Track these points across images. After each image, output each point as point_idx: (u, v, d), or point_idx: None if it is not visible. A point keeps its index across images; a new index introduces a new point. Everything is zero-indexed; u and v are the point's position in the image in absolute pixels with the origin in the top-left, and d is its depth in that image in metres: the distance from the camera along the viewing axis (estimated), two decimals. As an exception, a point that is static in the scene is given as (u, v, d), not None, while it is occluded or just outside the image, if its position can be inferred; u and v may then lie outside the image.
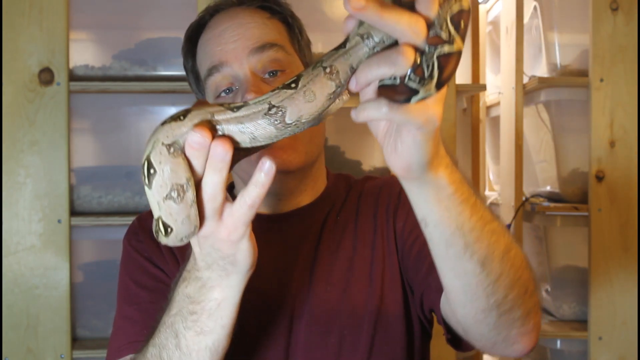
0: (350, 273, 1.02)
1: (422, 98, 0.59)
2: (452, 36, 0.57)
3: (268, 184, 0.68)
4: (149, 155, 0.65)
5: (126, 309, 1.02)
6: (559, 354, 2.14)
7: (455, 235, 0.72)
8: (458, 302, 0.80)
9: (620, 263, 2.00)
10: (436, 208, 0.70)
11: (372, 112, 0.61)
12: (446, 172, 0.69)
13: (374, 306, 1.01)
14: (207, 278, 0.77)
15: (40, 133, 1.77)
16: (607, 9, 1.99)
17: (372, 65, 0.60)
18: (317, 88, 0.63)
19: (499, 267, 0.75)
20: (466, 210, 0.71)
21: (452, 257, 0.74)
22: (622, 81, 2.00)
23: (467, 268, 0.74)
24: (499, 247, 0.75)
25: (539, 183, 2.30)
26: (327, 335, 0.99)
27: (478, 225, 0.73)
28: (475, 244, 0.72)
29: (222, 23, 1.05)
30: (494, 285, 0.75)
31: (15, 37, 1.76)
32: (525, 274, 0.79)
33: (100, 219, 1.81)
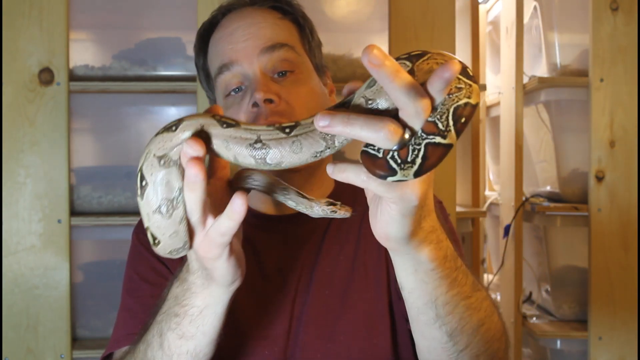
0: (351, 278, 1.02)
1: (398, 180, 0.57)
2: (449, 129, 0.55)
3: (239, 219, 0.66)
4: (142, 166, 0.67)
5: (128, 301, 1.03)
6: (559, 354, 2.14)
7: (428, 306, 0.73)
8: (423, 356, 0.82)
9: (620, 263, 2.00)
10: (412, 278, 0.71)
11: (351, 176, 0.61)
12: (429, 249, 0.69)
13: (377, 309, 1.00)
14: (191, 282, 0.77)
15: (40, 133, 1.77)
16: (607, 9, 1.99)
17: (354, 124, 0.56)
18: (307, 143, 0.62)
19: (467, 340, 0.76)
20: (443, 286, 0.72)
21: (422, 323, 0.75)
22: (622, 81, 2.00)
23: (435, 335, 0.75)
24: (471, 321, 0.76)
25: (539, 183, 2.30)
26: (325, 339, 0.99)
27: (453, 300, 0.73)
28: (446, 317, 0.73)
29: (233, 22, 1.05)
30: (460, 354, 0.77)
31: (15, 37, 1.76)
32: (494, 345, 0.80)
33: (100, 219, 1.81)
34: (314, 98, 1.04)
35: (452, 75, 0.53)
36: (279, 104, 0.99)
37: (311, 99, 1.03)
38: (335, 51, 1.89)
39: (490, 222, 2.64)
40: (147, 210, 0.68)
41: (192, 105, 1.85)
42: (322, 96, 1.07)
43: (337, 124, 0.56)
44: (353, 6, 1.94)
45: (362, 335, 0.99)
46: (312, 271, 1.02)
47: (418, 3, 1.88)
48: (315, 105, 1.02)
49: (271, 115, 0.98)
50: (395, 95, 0.55)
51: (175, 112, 1.91)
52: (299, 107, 1.00)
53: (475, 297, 0.76)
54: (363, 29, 1.92)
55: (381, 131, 0.55)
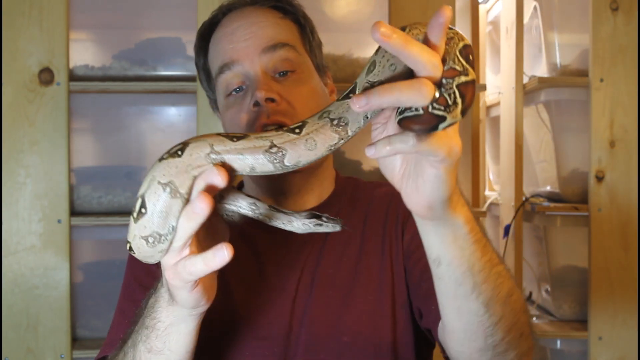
0: (354, 280, 1.01)
1: (449, 124, 0.59)
2: (465, 67, 0.60)
3: (215, 269, 0.66)
4: (144, 194, 0.65)
5: (123, 304, 1.03)
6: (559, 354, 2.13)
7: (466, 275, 0.72)
8: (456, 340, 0.81)
9: (620, 263, 2.00)
10: (451, 247, 0.71)
11: (399, 145, 0.61)
12: (463, 211, 0.70)
13: (383, 315, 1.00)
14: (160, 296, 0.77)
15: (40, 133, 1.77)
16: (607, 9, 1.99)
17: (393, 90, 0.58)
18: (320, 139, 0.65)
19: (501, 310, 0.76)
20: (478, 251, 0.72)
21: (459, 296, 0.74)
22: (622, 81, 2.00)
23: (472, 308, 0.75)
24: (503, 290, 0.76)
25: (539, 183, 2.30)
26: (328, 339, 0.99)
27: (487, 266, 0.74)
28: (482, 285, 0.73)
29: (234, 21, 1.05)
30: (494, 327, 0.76)
31: (15, 37, 1.76)
32: (522, 317, 0.80)
33: (100, 219, 1.81)
34: (314, 98, 1.04)
35: (445, 19, 0.59)
36: (280, 103, 0.99)
37: (312, 99, 1.03)
38: (335, 51, 1.89)
39: (490, 222, 2.64)
40: (135, 232, 0.66)
41: (192, 105, 1.85)
42: (323, 96, 1.07)
43: (375, 98, 0.58)
44: (353, 6, 1.94)
45: (364, 336, 0.99)
46: (314, 272, 1.02)
47: (418, 3, 1.88)
48: (316, 105, 1.02)
49: (273, 115, 0.98)
50: (412, 59, 0.58)
51: (175, 112, 1.91)
52: (300, 107, 1.00)
53: (502, 266, 0.77)
54: (363, 29, 1.92)
55: (421, 88, 0.58)
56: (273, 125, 0.98)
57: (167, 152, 0.66)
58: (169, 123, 1.93)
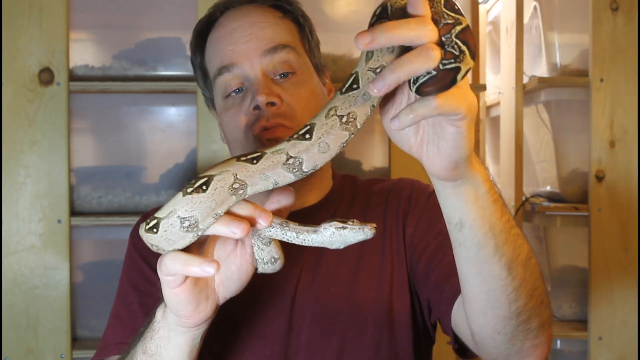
0: (356, 276, 1.01)
1: (465, 72, 0.61)
2: (456, 17, 0.62)
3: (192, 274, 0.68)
4: (160, 220, 0.66)
5: (118, 308, 1.03)
6: (559, 354, 2.13)
7: (488, 237, 0.73)
8: (479, 309, 0.80)
9: (620, 263, 2.00)
10: (473, 207, 0.71)
11: (422, 110, 0.62)
12: (481, 169, 0.71)
13: (381, 310, 1.00)
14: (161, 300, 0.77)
15: (40, 133, 1.77)
16: (607, 9, 1.99)
17: (403, 64, 0.60)
18: (331, 140, 0.66)
19: (522, 273, 0.76)
20: (497, 211, 0.73)
21: (482, 259, 0.74)
22: (622, 81, 2.00)
23: (494, 271, 0.74)
24: (523, 252, 0.76)
25: (539, 183, 2.30)
26: (328, 337, 0.99)
27: (506, 227, 0.74)
28: (504, 246, 0.73)
29: (233, 21, 1.04)
30: (517, 292, 0.76)
31: (15, 37, 1.76)
32: (542, 284, 0.80)
33: (100, 219, 1.81)
34: (314, 99, 1.03)
35: None
36: (280, 106, 0.98)
37: (312, 100, 1.03)
38: (335, 51, 1.89)
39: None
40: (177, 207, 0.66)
41: (192, 105, 1.85)
42: (322, 96, 1.07)
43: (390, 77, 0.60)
44: (353, 6, 1.94)
45: (364, 334, 0.99)
46: (314, 270, 1.02)
47: (418, 3, 1.88)
48: (316, 106, 1.02)
49: (273, 118, 0.97)
50: (404, 39, 0.60)
51: (175, 112, 1.91)
52: (300, 109, 1.00)
53: (518, 228, 0.77)
54: (363, 29, 1.92)
55: (427, 53, 0.60)
56: (273, 127, 0.97)
57: (190, 186, 0.66)
58: (169, 123, 1.93)
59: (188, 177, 1.88)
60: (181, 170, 1.90)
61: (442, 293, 0.93)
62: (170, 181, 1.90)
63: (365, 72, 0.64)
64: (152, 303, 0.96)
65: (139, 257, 1.04)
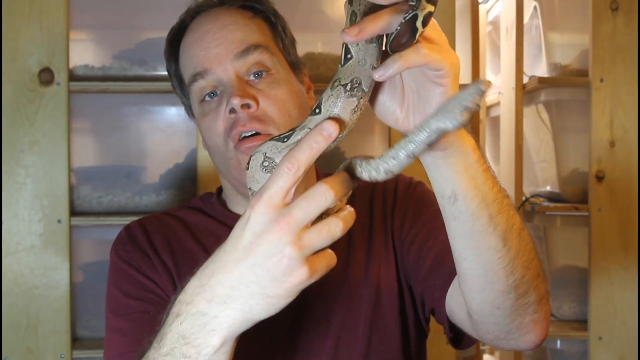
0: (345, 274, 1.01)
1: (424, 16, 0.62)
2: None
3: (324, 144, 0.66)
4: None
5: (115, 321, 1.00)
6: (559, 354, 2.14)
7: (481, 207, 0.73)
8: (478, 286, 0.79)
9: (620, 263, 2.00)
10: (465, 177, 0.71)
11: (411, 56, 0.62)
12: (468, 138, 0.71)
13: (369, 307, 1.00)
14: (213, 316, 0.66)
15: (40, 133, 1.77)
16: (607, 9, 1.99)
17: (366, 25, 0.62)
18: (341, 109, 0.67)
19: (518, 243, 0.76)
20: (488, 180, 0.73)
21: (477, 231, 0.74)
22: (622, 81, 2.00)
23: (490, 243, 0.74)
24: (516, 222, 0.76)
25: (539, 183, 2.30)
26: (323, 337, 0.99)
27: (498, 196, 0.74)
28: (497, 216, 0.74)
29: (203, 25, 1.03)
30: (513, 263, 0.76)
31: (15, 37, 1.76)
32: (536, 256, 0.80)
33: (100, 219, 1.81)
34: (291, 98, 1.02)
35: None
36: (257, 109, 0.97)
37: (289, 99, 1.01)
38: (335, 51, 1.89)
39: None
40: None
41: (192, 105, 1.85)
42: (300, 95, 1.05)
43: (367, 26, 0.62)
44: (353, 6, 1.93)
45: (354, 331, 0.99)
46: None
47: (418, 3, 1.88)
48: (294, 105, 1.01)
49: (249, 122, 0.97)
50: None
51: (175, 112, 1.91)
52: (277, 110, 0.99)
53: (508, 198, 0.77)
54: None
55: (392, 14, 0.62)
56: (250, 132, 0.97)
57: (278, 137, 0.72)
58: (169, 123, 1.93)
59: (188, 177, 1.88)
60: (181, 170, 1.90)
61: (434, 281, 0.93)
62: (170, 181, 1.90)
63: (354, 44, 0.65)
64: (154, 309, 0.96)
65: (129, 267, 1.03)
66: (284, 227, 0.62)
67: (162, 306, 0.98)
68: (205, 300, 0.66)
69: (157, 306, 0.97)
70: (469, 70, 2.42)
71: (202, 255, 1.02)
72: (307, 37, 1.92)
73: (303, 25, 1.90)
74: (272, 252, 0.62)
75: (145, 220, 1.10)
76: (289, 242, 0.62)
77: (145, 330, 0.84)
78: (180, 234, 1.06)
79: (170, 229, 1.07)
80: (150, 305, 0.98)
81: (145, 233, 1.06)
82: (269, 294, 0.64)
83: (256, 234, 0.63)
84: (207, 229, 1.07)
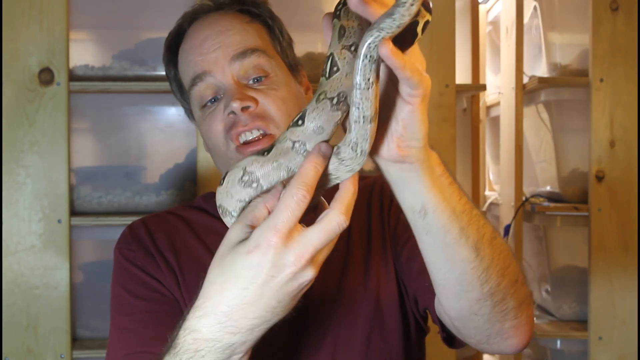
0: (344, 271, 1.02)
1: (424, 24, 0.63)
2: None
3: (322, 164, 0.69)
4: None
5: (121, 320, 1.00)
6: (559, 354, 2.14)
7: (451, 219, 0.73)
8: (453, 295, 0.80)
9: (620, 263, 2.00)
10: (433, 190, 0.72)
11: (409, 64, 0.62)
12: (433, 153, 0.72)
13: (369, 304, 1.00)
14: (241, 343, 0.69)
15: (40, 133, 1.77)
16: (607, 9, 1.99)
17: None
18: (325, 122, 0.67)
19: (490, 252, 0.77)
20: (455, 193, 0.74)
21: (449, 244, 0.75)
22: (622, 81, 2.00)
23: (462, 254, 0.75)
24: (487, 231, 0.77)
25: (539, 183, 2.30)
26: (322, 334, 0.99)
27: (467, 208, 0.75)
28: (468, 227, 0.74)
29: (201, 31, 1.04)
30: (487, 272, 0.76)
31: (15, 37, 1.76)
32: (513, 263, 0.81)
33: (100, 219, 1.81)
34: (291, 99, 1.02)
35: None
36: (256, 108, 0.98)
37: (289, 100, 1.01)
38: (335, 51, 1.89)
39: (490, 222, 2.63)
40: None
41: (192, 105, 1.85)
42: (299, 96, 1.06)
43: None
44: (353, 6, 1.93)
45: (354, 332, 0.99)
46: None
47: (418, 3, 1.88)
48: (293, 106, 1.01)
49: (251, 120, 0.97)
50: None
51: (175, 112, 1.91)
52: (277, 109, 0.99)
53: (478, 209, 0.78)
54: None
55: None
56: (251, 132, 0.97)
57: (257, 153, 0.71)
58: (169, 123, 1.93)
59: (188, 177, 1.88)
60: (181, 170, 1.90)
61: (424, 282, 0.93)
62: (170, 181, 1.90)
63: (341, 52, 0.65)
64: (161, 309, 0.96)
65: (133, 267, 1.03)
66: (307, 259, 0.66)
67: (167, 305, 0.98)
68: (230, 334, 0.68)
69: (163, 305, 0.97)
70: (469, 70, 2.43)
71: (205, 253, 1.02)
72: (307, 37, 1.92)
73: (303, 25, 1.90)
74: (296, 282, 0.67)
75: (148, 219, 1.10)
76: (310, 270, 0.67)
77: (151, 329, 0.84)
78: (183, 232, 1.06)
79: (173, 227, 1.07)
80: (156, 305, 0.98)
81: (148, 232, 1.06)
82: (288, 308, 0.70)
83: (278, 267, 0.66)
84: (209, 228, 1.07)
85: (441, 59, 1.88)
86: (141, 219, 1.11)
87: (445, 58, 1.89)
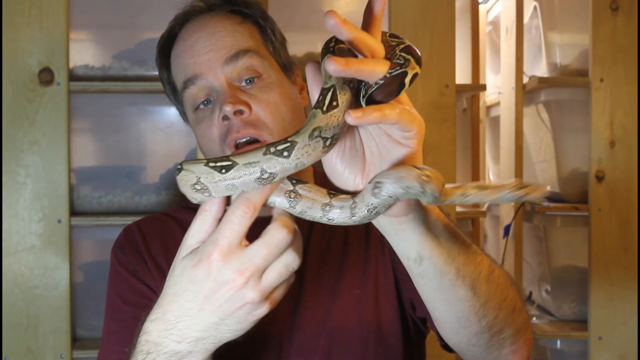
0: (340, 274, 1.01)
1: (412, 76, 0.62)
2: (399, 40, 0.65)
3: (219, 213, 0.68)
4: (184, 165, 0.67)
5: (111, 325, 1.01)
6: (559, 354, 2.14)
7: (447, 263, 0.72)
8: (451, 330, 0.81)
9: (620, 263, 2.00)
10: (429, 237, 0.71)
11: (389, 111, 0.60)
12: None
13: (367, 308, 1.00)
14: (187, 352, 0.70)
15: (40, 133, 1.77)
16: (607, 9, 1.99)
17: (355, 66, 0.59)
18: (310, 160, 0.63)
19: (487, 289, 0.76)
20: (451, 235, 0.73)
21: (446, 286, 0.74)
22: (622, 81, 2.00)
23: (459, 294, 0.75)
24: (484, 268, 0.77)
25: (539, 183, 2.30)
26: (317, 339, 0.98)
27: (463, 248, 0.74)
28: (464, 268, 0.74)
29: (193, 34, 1.03)
30: (485, 308, 0.77)
31: (15, 37, 1.76)
32: (511, 292, 0.81)
33: (100, 219, 1.81)
34: (284, 101, 1.01)
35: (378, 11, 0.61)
36: (249, 115, 0.97)
37: (281, 103, 1.00)
38: (335, 51, 1.89)
39: (490, 222, 2.64)
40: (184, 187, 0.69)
41: (192, 105, 1.85)
42: (293, 97, 1.05)
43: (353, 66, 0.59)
44: (353, 6, 1.94)
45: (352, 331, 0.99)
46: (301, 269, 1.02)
47: (418, 3, 1.88)
48: (286, 108, 1.00)
49: (244, 128, 0.96)
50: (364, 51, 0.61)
51: (175, 112, 1.89)
52: (270, 114, 0.98)
53: (474, 245, 0.78)
54: (363, 29, 1.92)
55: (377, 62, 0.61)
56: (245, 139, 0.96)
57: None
58: (169, 123, 1.93)
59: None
60: (181, 170, 1.90)
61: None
62: (170, 181, 1.90)
63: (342, 86, 0.62)
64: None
65: (126, 272, 1.03)
66: (247, 277, 0.66)
67: None
68: (175, 342, 0.70)
69: None
70: (469, 70, 2.43)
71: None
72: (307, 37, 1.92)
73: (303, 25, 1.90)
74: (236, 300, 0.67)
75: (144, 222, 1.10)
76: (252, 289, 0.66)
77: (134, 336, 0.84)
78: (177, 236, 1.06)
79: (168, 231, 1.07)
80: (142, 312, 0.98)
81: (142, 236, 1.06)
82: (235, 329, 0.69)
83: (218, 283, 0.66)
84: None
85: (441, 59, 1.88)
86: (137, 222, 1.10)
87: (445, 58, 1.89)
